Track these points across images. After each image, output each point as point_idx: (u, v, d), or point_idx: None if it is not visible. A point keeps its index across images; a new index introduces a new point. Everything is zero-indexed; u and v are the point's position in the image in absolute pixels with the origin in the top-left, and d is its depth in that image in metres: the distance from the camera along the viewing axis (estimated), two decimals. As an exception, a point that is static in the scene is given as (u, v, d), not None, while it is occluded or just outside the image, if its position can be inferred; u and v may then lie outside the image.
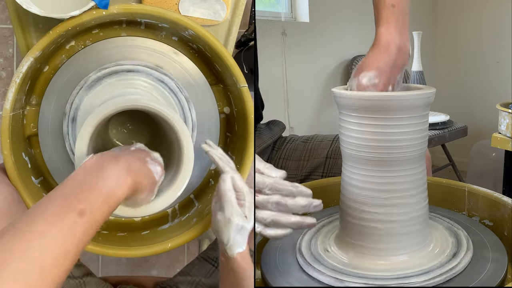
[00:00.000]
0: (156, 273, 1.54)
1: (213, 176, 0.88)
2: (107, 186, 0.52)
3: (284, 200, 0.56)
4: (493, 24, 2.57)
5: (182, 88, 0.81)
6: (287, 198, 0.56)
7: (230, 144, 0.87)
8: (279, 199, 0.55)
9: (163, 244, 0.79)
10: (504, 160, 1.70)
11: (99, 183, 0.51)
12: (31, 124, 0.80)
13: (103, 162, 0.54)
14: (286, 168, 1.03)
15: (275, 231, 0.56)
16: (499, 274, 0.58)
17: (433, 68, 2.76)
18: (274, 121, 1.10)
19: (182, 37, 0.82)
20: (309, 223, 0.56)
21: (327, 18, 2.27)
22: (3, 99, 0.73)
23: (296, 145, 1.05)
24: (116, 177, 0.54)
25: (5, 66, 1.44)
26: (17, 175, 0.74)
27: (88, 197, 0.49)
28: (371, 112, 0.59)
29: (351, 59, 2.40)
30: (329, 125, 2.26)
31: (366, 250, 0.62)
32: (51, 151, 0.81)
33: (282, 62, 2.11)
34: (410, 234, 0.62)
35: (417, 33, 2.20)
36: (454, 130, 2.19)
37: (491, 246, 0.64)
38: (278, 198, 0.55)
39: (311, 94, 2.30)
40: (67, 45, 0.79)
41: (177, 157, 0.68)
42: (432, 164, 1.10)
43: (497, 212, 0.72)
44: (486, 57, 2.62)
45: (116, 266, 1.52)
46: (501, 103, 1.66)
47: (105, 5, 0.73)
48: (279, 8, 2.21)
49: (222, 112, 0.87)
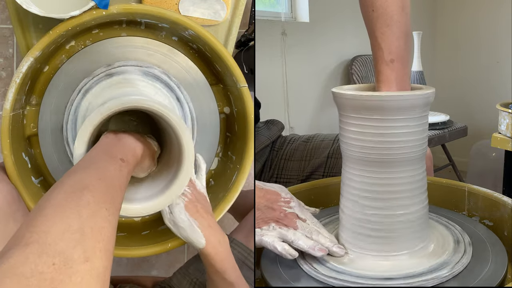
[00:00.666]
0: (156, 273, 1.55)
1: (213, 176, 0.88)
2: (131, 146, 0.66)
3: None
4: (492, 24, 2.57)
5: (182, 88, 0.81)
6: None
7: (230, 144, 0.87)
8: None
9: (163, 244, 0.79)
10: (504, 160, 1.70)
11: (125, 143, 0.65)
12: (31, 124, 0.80)
13: (118, 134, 0.67)
14: (287, 168, 1.03)
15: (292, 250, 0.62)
16: (499, 274, 0.58)
17: (433, 68, 2.76)
18: (273, 121, 1.10)
19: (182, 37, 0.82)
20: (320, 254, 0.62)
21: (327, 18, 2.27)
22: (3, 99, 0.73)
23: (297, 146, 1.05)
24: (133, 142, 0.67)
25: (5, 66, 1.44)
26: (17, 175, 0.74)
27: (123, 151, 0.62)
28: (371, 112, 0.59)
29: (351, 59, 2.40)
30: (329, 125, 2.26)
31: (366, 250, 0.62)
32: (51, 151, 0.81)
33: (282, 62, 2.11)
34: (410, 234, 0.62)
35: (417, 33, 2.20)
36: (454, 130, 2.19)
37: (491, 246, 0.64)
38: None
39: (311, 94, 2.30)
40: (67, 45, 0.79)
41: (177, 157, 0.68)
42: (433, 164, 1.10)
43: (497, 212, 0.71)
44: (485, 57, 2.62)
45: (116, 266, 1.52)
46: (501, 103, 1.66)
47: (105, 5, 0.73)
48: (279, 8, 2.21)
49: (222, 112, 0.87)
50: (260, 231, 0.63)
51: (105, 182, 0.50)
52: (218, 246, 0.71)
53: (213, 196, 0.84)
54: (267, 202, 0.66)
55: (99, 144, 0.64)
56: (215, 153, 0.87)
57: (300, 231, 0.63)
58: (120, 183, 0.54)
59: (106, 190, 0.49)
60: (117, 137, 0.66)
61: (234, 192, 0.82)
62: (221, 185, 0.85)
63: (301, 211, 0.66)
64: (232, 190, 0.82)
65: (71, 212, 0.42)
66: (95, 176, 0.50)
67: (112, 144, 0.64)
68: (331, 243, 0.63)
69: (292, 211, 0.65)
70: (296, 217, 0.64)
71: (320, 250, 0.61)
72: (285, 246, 0.61)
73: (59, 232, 0.39)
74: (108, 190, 0.49)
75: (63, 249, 0.38)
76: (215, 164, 0.88)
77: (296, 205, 0.66)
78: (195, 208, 0.72)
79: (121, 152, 0.62)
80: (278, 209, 0.65)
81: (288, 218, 0.64)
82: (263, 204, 0.65)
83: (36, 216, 0.41)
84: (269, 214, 0.64)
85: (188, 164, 0.67)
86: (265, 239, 0.62)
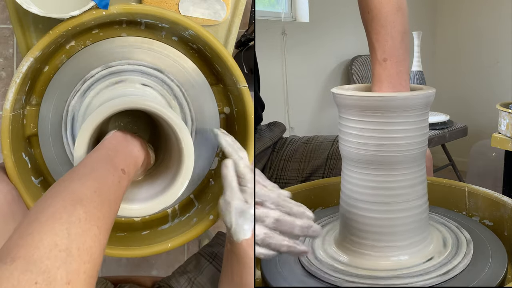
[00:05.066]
0: (156, 273, 1.55)
1: (213, 176, 0.88)
2: (134, 155, 0.65)
3: (284, 217, 0.53)
4: (492, 24, 2.57)
5: (182, 88, 0.81)
6: (287, 216, 0.54)
7: (230, 144, 0.87)
8: (279, 216, 0.53)
9: (163, 244, 0.79)
10: (504, 160, 1.70)
11: (130, 152, 0.65)
12: (31, 124, 0.80)
13: (127, 136, 0.67)
14: (286, 169, 1.03)
15: (265, 251, 0.53)
16: (499, 274, 0.58)
17: (433, 68, 2.77)
18: (275, 123, 1.10)
19: (182, 37, 0.82)
20: (301, 250, 0.54)
21: (327, 18, 2.28)
22: (3, 99, 0.73)
23: (297, 147, 1.05)
24: (138, 149, 0.67)
25: (5, 66, 1.44)
26: (17, 175, 0.74)
27: (126, 161, 0.61)
28: (370, 112, 0.59)
29: (351, 59, 2.40)
30: (329, 125, 2.26)
31: (366, 250, 0.62)
32: (51, 151, 0.81)
33: (282, 62, 2.11)
34: (410, 234, 0.62)
35: (417, 33, 2.20)
36: (454, 130, 2.19)
37: (491, 246, 0.64)
38: (278, 214, 0.53)
39: (311, 94, 2.30)
40: (67, 45, 0.79)
41: (177, 157, 0.68)
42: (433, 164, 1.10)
43: (497, 212, 0.72)
44: (485, 57, 2.62)
45: (116, 266, 1.52)
46: (501, 103, 1.66)
47: (105, 5, 0.73)
48: (279, 8, 2.22)
49: (222, 112, 0.87)
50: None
51: (101, 197, 0.49)
52: (252, 244, 0.68)
53: (213, 196, 0.84)
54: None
55: (104, 146, 0.63)
56: (215, 153, 0.87)
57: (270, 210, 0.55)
58: (116, 197, 0.53)
59: (100, 206, 0.48)
60: (125, 140, 0.65)
61: (234, 192, 0.82)
62: (221, 185, 0.85)
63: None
64: (232, 190, 0.82)
65: (60, 229, 0.42)
66: (91, 188, 0.49)
67: (117, 150, 0.62)
68: (306, 226, 0.55)
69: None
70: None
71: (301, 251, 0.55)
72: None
73: (46, 250, 0.40)
74: (102, 205, 0.48)
75: (48, 268, 0.38)
76: (215, 164, 0.88)
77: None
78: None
79: (124, 161, 0.60)
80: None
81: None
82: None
83: (27, 228, 0.42)
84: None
85: (188, 164, 0.67)
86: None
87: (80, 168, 0.54)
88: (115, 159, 0.60)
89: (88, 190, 0.48)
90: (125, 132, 0.68)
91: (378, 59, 0.64)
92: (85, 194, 0.47)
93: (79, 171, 0.53)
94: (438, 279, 0.57)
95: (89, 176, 0.52)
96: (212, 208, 0.81)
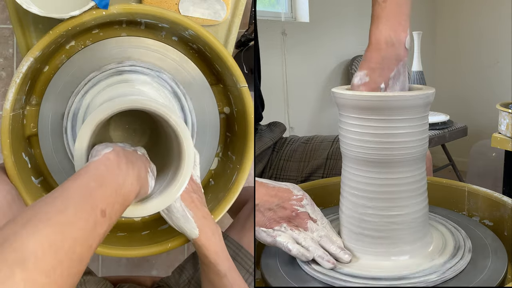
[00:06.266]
0: (156, 273, 1.55)
1: (213, 176, 0.88)
2: (124, 191, 0.53)
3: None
4: (492, 24, 2.57)
5: (182, 88, 0.81)
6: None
7: (230, 144, 0.87)
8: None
9: (163, 244, 0.79)
10: (504, 160, 1.70)
11: (119, 186, 0.52)
12: (31, 124, 0.80)
13: (120, 163, 0.55)
14: (286, 169, 1.03)
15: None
16: (499, 274, 0.58)
17: (433, 68, 2.77)
18: (275, 123, 1.10)
19: (182, 37, 0.82)
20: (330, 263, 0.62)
21: (327, 18, 2.27)
22: (3, 99, 0.73)
23: (297, 146, 1.05)
24: (131, 183, 0.55)
25: (5, 66, 1.44)
26: (17, 175, 0.74)
27: (109, 199, 0.49)
28: (371, 112, 0.59)
29: (351, 59, 2.40)
30: (329, 125, 2.26)
31: (366, 250, 0.62)
32: (51, 151, 0.81)
33: (282, 62, 2.11)
34: (410, 235, 0.62)
35: (417, 33, 2.20)
36: (454, 130, 2.19)
37: (491, 246, 0.64)
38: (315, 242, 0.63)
39: (311, 94, 2.30)
40: (67, 45, 0.79)
41: (177, 157, 0.68)
42: (432, 164, 1.10)
43: (497, 212, 0.72)
44: (485, 57, 2.62)
45: (116, 266, 1.52)
46: (501, 103, 1.66)
47: (105, 5, 0.73)
48: (279, 8, 2.22)
49: (222, 112, 0.87)
50: (273, 232, 0.63)
51: (58, 254, 0.38)
52: (212, 237, 0.72)
53: (213, 196, 0.84)
54: (279, 201, 0.65)
55: (87, 172, 0.51)
56: (215, 153, 0.87)
57: (309, 233, 0.63)
58: (85, 249, 0.42)
59: (53, 268, 0.37)
60: (117, 167, 0.54)
61: (234, 192, 0.82)
62: (221, 185, 0.85)
63: (313, 209, 0.66)
64: (232, 190, 0.82)
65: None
66: (46, 240, 0.38)
67: (102, 180, 0.50)
68: (338, 249, 0.63)
69: (304, 210, 0.65)
70: (307, 217, 0.65)
71: (328, 261, 0.61)
72: (300, 249, 0.62)
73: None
74: (58, 266, 0.38)
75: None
76: (215, 164, 0.88)
77: (308, 203, 0.66)
78: (190, 198, 0.73)
79: (107, 199, 0.48)
80: (289, 208, 0.65)
81: (299, 218, 0.64)
82: (275, 203, 0.65)
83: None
84: (280, 213, 0.64)
85: (188, 164, 0.67)
86: (279, 240, 0.63)
87: (46, 203, 0.43)
88: (96, 193, 0.48)
89: (39, 245, 0.37)
90: (121, 153, 0.57)
91: (378, 0, 0.63)
92: (34, 250, 0.37)
93: (40, 208, 0.42)
94: (438, 279, 0.57)
95: (50, 219, 0.40)
96: (212, 208, 0.81)
